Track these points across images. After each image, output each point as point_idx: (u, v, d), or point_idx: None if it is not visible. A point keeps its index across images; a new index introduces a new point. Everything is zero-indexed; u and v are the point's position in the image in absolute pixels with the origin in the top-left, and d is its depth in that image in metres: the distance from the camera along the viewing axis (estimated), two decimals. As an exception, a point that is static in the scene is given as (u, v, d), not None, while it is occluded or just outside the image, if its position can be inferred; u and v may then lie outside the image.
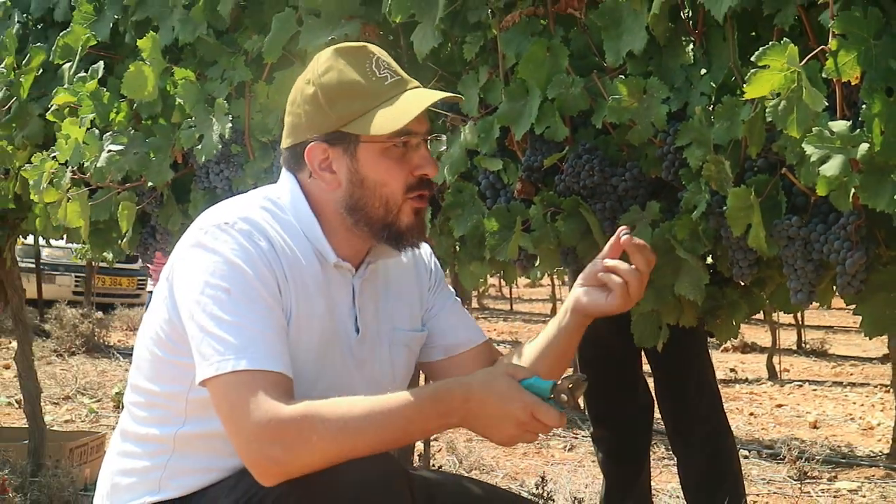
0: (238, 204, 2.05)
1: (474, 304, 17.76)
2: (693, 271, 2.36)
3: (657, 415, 3.96)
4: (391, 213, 2.03)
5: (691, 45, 2.33)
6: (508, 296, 20.68)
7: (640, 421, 3.94)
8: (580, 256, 2.54)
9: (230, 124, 3.02)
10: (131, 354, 2.17)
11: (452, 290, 2.38)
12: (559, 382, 1.90)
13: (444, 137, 2.17)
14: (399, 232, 2.05)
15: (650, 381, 3.95)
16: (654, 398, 3.92)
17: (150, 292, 9.82)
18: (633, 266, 2.06)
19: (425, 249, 2.33)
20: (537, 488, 4.65)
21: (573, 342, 2.20)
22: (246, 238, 1.94)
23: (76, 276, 14.33)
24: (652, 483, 4.09)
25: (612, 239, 2.10)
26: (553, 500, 4.60)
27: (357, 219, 2.04)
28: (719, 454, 3.70)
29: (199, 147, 3.09)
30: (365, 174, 2.02)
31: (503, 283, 19.50)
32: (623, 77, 2.35)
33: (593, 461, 5.78)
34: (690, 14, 2.32)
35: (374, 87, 2.02)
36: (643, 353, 4.00)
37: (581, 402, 6.62)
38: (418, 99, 2.02)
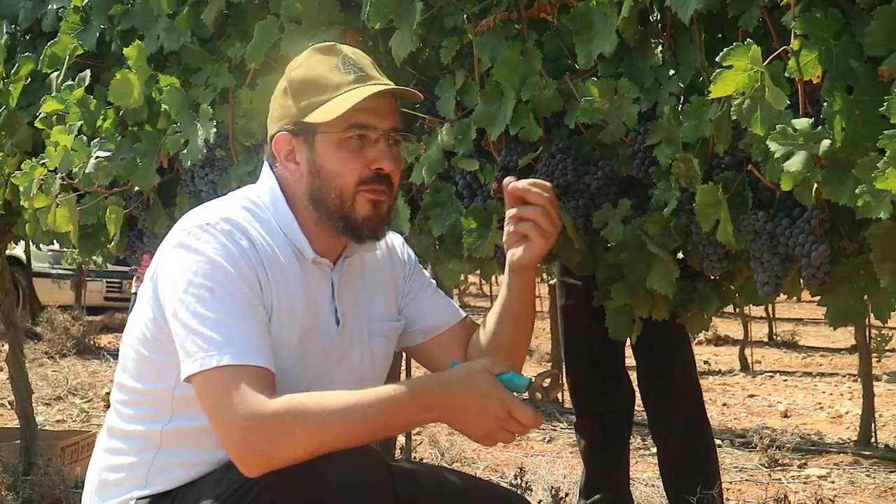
0: (219, 205, 2.10)
1: (455, 302, 17.82)
2: (664, 265, 2.41)
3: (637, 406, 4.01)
4: (346, 204, 2.07)
5: (660, 47, 2.39)
6: (489, 293, 20.68)
7: (622, 413, 3.99)
8: (555, 253, 2.59)
9: (214, 129, 3.07)
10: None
11: (428, 275, 2.43)
12: (534, 380, 1.95)
13: (411, 137, 2.19)
14: (356, 223, 2.09)
15: (632, 375, 4.00)
16: (636, 391, 3.98)
17: (135, 293, 9.82)
18: (534, 204, 2.15)
19: (398, 240, 2.38)
20: (517, 479, 4.69)
21: (526, 299, 2.27)
22: (227, 238, 1.99)
23: (107, 282, 14.41)
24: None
25: (505, 194, 2.19)
26: (532, 491, 4.64)
27: (319, 210, 2.09)
28: (698, 444, 3.75)
29: (185, 152, 3.13)
30: (321, 164, 2.07)
31: (483, 280, 19.42)
32: (594, 79, 2.40)
33: (571, 452, 5.83)
34: (659, 17, 2.37)
35: (335, 80, 2.07)
36: (627, 347, 4.05)
37: (562, 395, 6.66)
38: (368, 89, 2.06)
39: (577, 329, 3.95)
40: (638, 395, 3.96)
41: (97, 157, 3.30)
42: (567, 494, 4.42)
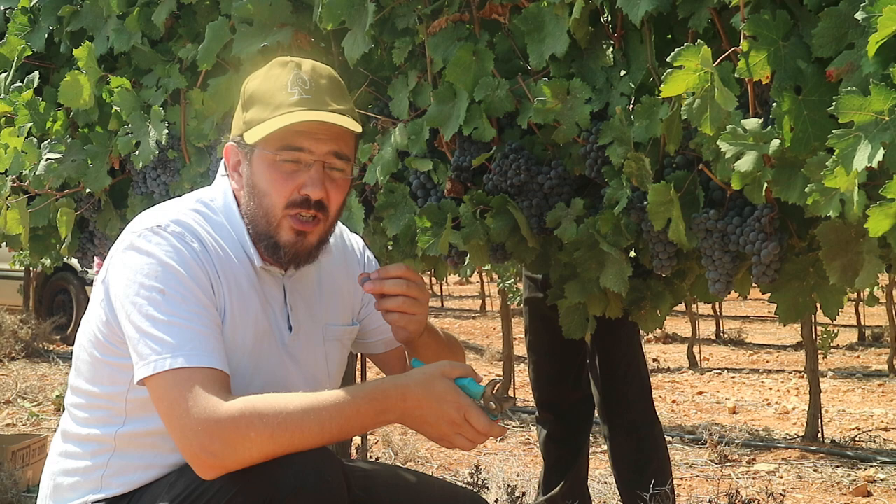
0: (170, 207, 2.09)
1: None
2: (617, 264, 2.43)
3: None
4: (271, 226, 2.05)
5: (611, 48, 2.40)
6: (439, 293, 20.72)
7: (582, 409, 4.04)
8: (508, 252, 2.60)
9: (166, 130, 3.05)
10: (71, 358, 2.19)
11: None
12: (487, 389, 1.95)
13: (336, 175, 2.09)
14: (276, 244, 2.07)
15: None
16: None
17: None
18: (393, 294, 2.16)
19: (358, 244, 2.37)
20: (471, 477, 4.70)
21: (434, 350, 2.30)
22: (178, 240, 1.98)
23: None
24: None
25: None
26: (487, 488, 4.65)
27: (251, 225, 2.08)
28: (645, 441, 3.79)
29: (137, 153, 3.12)
30: (254, 182, 2.06)
31: (434, 280, 19.47)
32: (547, 79, 2.42)
33: (524, 451, 5.85)
34: (609, 18, 2.38)
35: (278, 99, 2.04)
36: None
37: (514, 392, 6.63)
38: (299, 115, 2.02)
39: (539, 322, 4.00)
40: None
41: (48, 159, 3.28)
42: (524, 494, 4.44)
